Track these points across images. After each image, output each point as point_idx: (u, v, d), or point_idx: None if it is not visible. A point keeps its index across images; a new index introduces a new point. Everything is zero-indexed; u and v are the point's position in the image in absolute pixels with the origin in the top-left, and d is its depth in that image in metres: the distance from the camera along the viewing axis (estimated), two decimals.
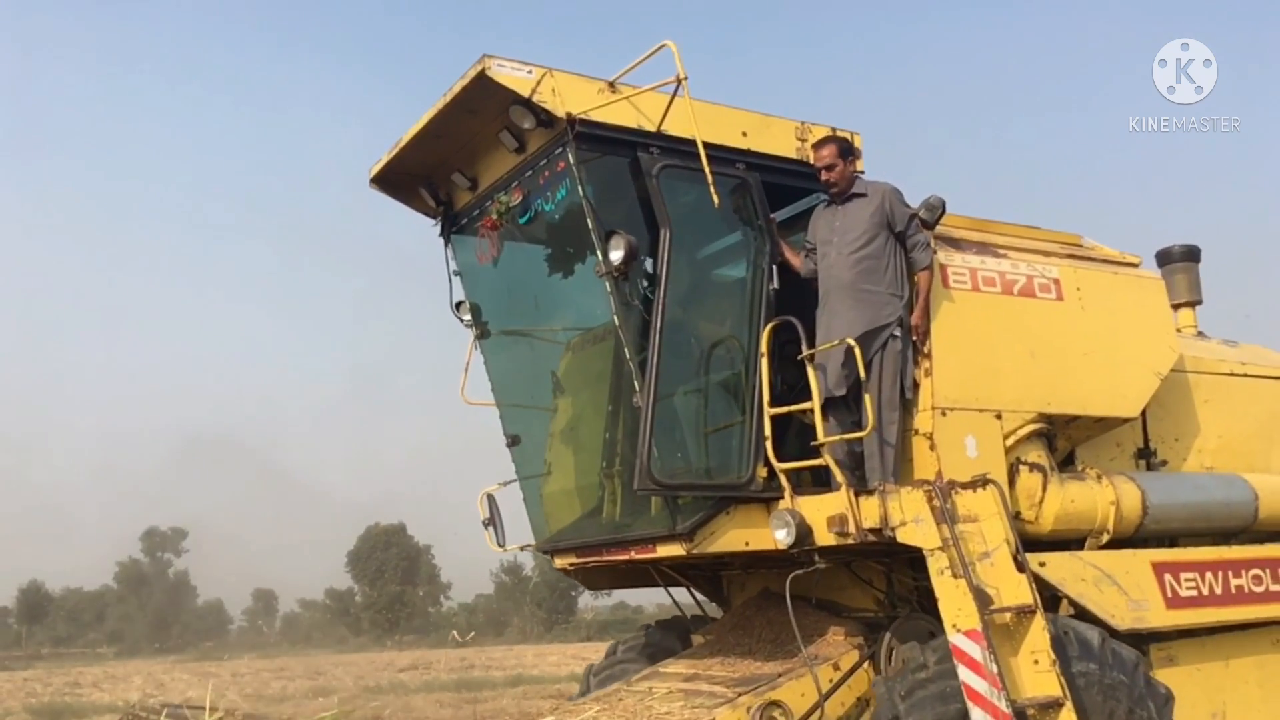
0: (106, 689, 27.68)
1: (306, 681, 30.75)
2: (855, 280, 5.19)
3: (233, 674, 37.05)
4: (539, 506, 6.12)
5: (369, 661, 44.55)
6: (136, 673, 35.07)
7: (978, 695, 4.29)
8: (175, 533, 76.14)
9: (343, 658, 51.07)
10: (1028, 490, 5.41)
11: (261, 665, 43.40)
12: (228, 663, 46.40)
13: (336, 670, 37.33)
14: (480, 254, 5.97)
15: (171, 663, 47.11)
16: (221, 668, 41.20)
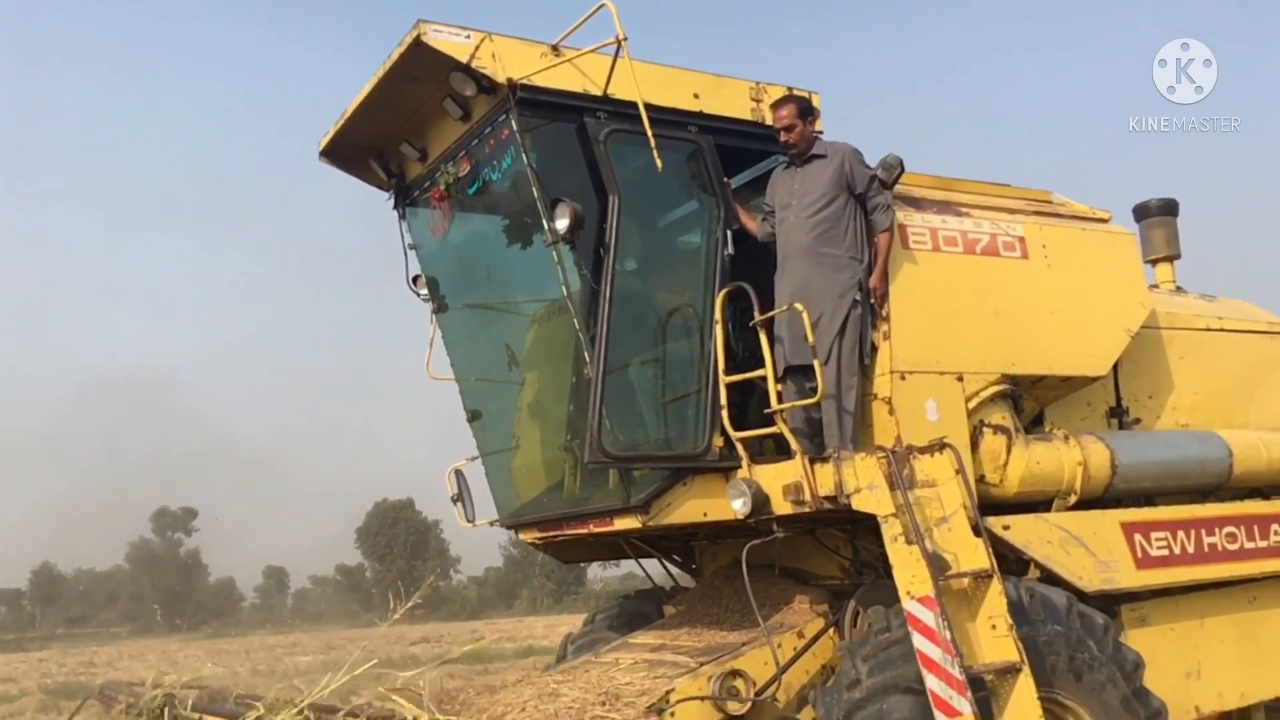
0: (121, 668, 27.93)
1: (319, 656, 31.04)
2: (814, 243, 5.07)
3: (246, 650, 37.45)
4: (501, 481, 6.05)
5: (380, 635, 44.89)
6: (150, 651, 35.41)
7: (932, 662, 4.22)
8: (185, 512, 76.71)
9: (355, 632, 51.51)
10: (991, 453, 5.31)
11: (274, 641, 43.85)
12: (241, 639, 46.86)
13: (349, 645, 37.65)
14: (433, 227, 5.88)
15: (185, 641, 47.59)
16: (234, 644, 41.62)
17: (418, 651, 30.88)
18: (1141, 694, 4.77)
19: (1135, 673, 4.86)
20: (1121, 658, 4.80)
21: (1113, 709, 4.64)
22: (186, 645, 42.43)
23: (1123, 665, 4.78)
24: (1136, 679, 4.82)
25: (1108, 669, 4.65)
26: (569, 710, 4.80)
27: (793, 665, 5.24)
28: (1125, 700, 4.68)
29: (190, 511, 76.63)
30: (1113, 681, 4.65)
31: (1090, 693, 4.59)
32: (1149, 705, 4.78)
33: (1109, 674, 4.65)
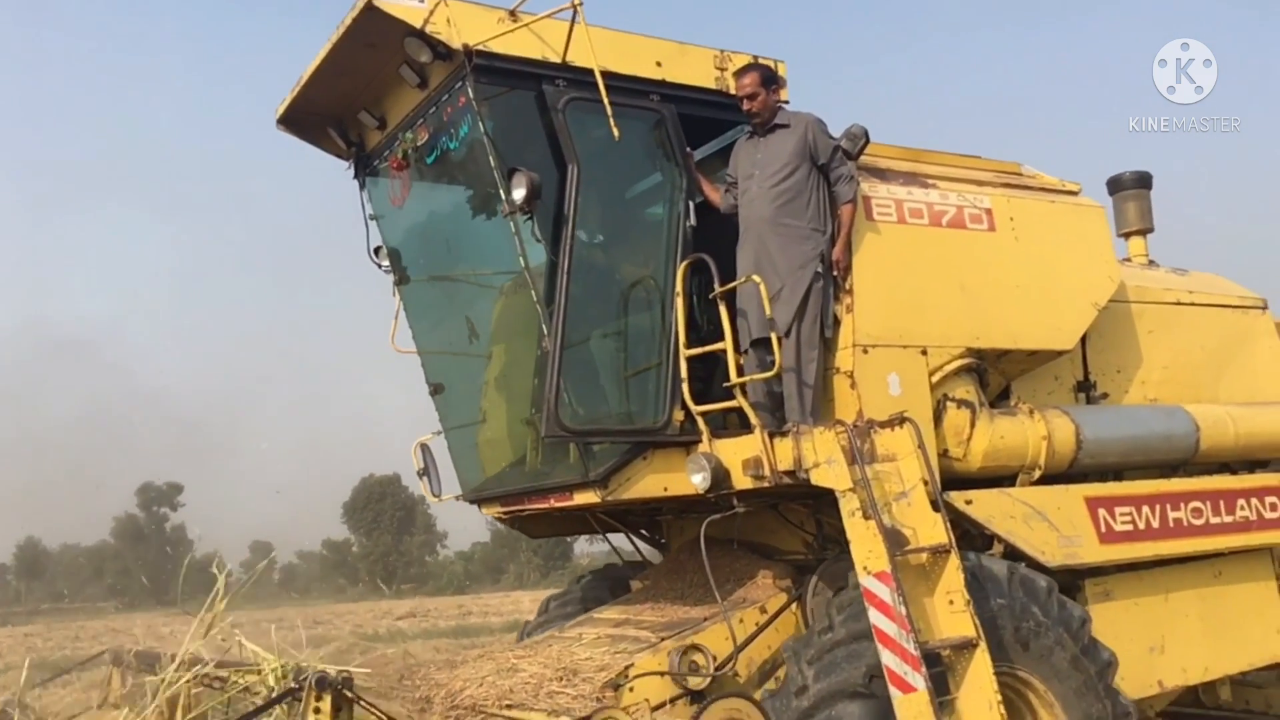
0: (108, 642, 27.90)
1: (305, 630, 31.05)
2: (775, 214, 4.99)
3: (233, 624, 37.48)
4: (464, 455, 5.99)
5: (367, 610, 44.97)
6: (137, 625, 35.40)
7: (887, 638, 4.18)
8: (171, 488, 76.51)
9: (341, 607, 51.56)
10: (955, 427, 5.27)
11: (261, 615, 43.90)
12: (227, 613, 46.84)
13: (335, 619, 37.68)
14: (393, 197, 5.78)
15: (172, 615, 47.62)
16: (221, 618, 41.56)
17: (404, 626, 30.95)
18: (1090, 649, 4.75)
19: (1082, 629, 4.82)
20: (1068, 615, 4.75)
21: (1063, 671, 4.62)
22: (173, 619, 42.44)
23: (1069, 624, 4.74)
24: (1084, 636, 4.78)
25: (1054, 631, 4.62)
26: (525, 686, 4.77)
27: (754, 640, 5.22)
28: (1074, 659, 4.66)
29: (175, 487, 76.48)
30: (1060, 644, 4.63)
31: (1040, 659, 4.57)
32: (1098, 659, 4.77)
33: (1056, 636, 4.62)
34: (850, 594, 4.48)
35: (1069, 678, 4.63)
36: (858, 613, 4.34)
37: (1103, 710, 4.70)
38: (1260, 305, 6.87)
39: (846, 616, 4.40)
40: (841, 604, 4.50)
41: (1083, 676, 4.67)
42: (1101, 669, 4.75)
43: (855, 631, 4.31)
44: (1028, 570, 4.81)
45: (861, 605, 4.32)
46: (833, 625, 4.44)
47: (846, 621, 4.38)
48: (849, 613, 4.40)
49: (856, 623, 4.33)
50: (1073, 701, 4.63)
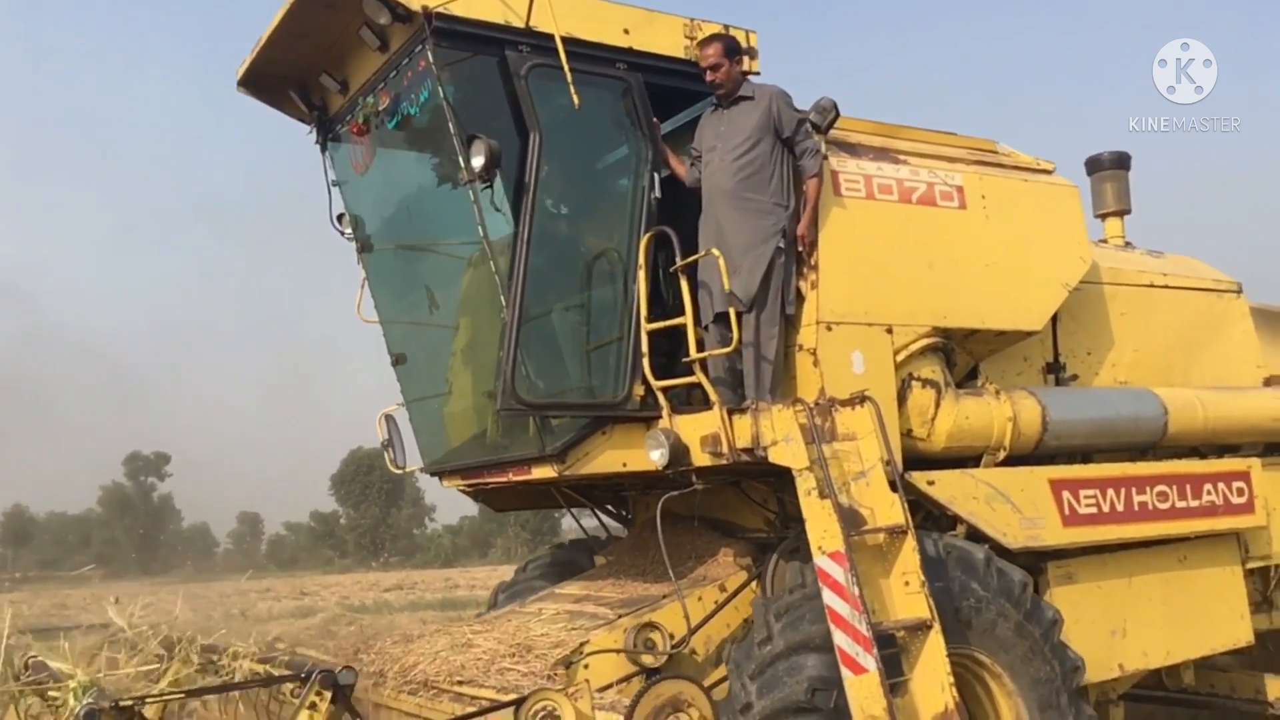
0: (94, 611, 27.91)
1: (292, 601, 31.12)
2: (737, 188, 4.90)
3: (219, 595, 37.54)
4: (425, 427, 5.91)
5: (354, 582, 45.12)
6: (123, 594, 35.41)
7: (840, 618, 4.13)
8: (158, 457, 76.48)
9: (328, 578, 51.71)
10: (920, 407, 5.20)
11: (248, 586, 43.93)
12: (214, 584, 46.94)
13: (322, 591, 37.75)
14: (356, 163, 5.68)
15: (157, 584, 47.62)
16: (208, 589, 41.67)
17: (391, 598, 31.01)
18: (1032, 613, 4.71)
19: (1023, 595, 4.77)
20: (1007, 583, 4.70)
21: (1007, 641, 4.60)
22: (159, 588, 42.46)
23: (1009, 593, 4.68)
24: (1025, 601, 4.73)
25: (996, 603, 4.58)
26: (478, 662, 4.72)
27: (713, 619, 5.18)
28: (1018, 627, 4.64)
29: (163, 456, 76.48)
30: (1003, 614, 4.59)
31: (984, 633, 4.54)
32: (1042, 619, 4.74)
33: (998, 608, 4.58)
34: (788, 600, 4.41)
35: (1014, 646, 4.60)
36: (796, 621, 4.29)
37: (1051, 671, 4.68)
38: (1235, 289, 6.81)
39: (784, 625, 4.32)
40: (779, 610, 4.40)
41: (1028, 643, 4.63)
42: (1047, 627, 4.72)
43: (794, 642, 4.24)
44: (965, 545, 4.77)
45: (801, 611, 4.28)
46: (771, 636, 4.35)
47: (785, 631, 4.30)
48: (786, 621, 4.32)
49: (795, 632, 4.26)
50: (1020, 669, 4.60)
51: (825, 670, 4.15)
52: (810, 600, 4.33)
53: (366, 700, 4.96)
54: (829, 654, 4.13)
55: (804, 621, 4.31)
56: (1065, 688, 4.73)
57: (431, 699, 4.60)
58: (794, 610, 4.42)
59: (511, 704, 3.24)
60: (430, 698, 4.62)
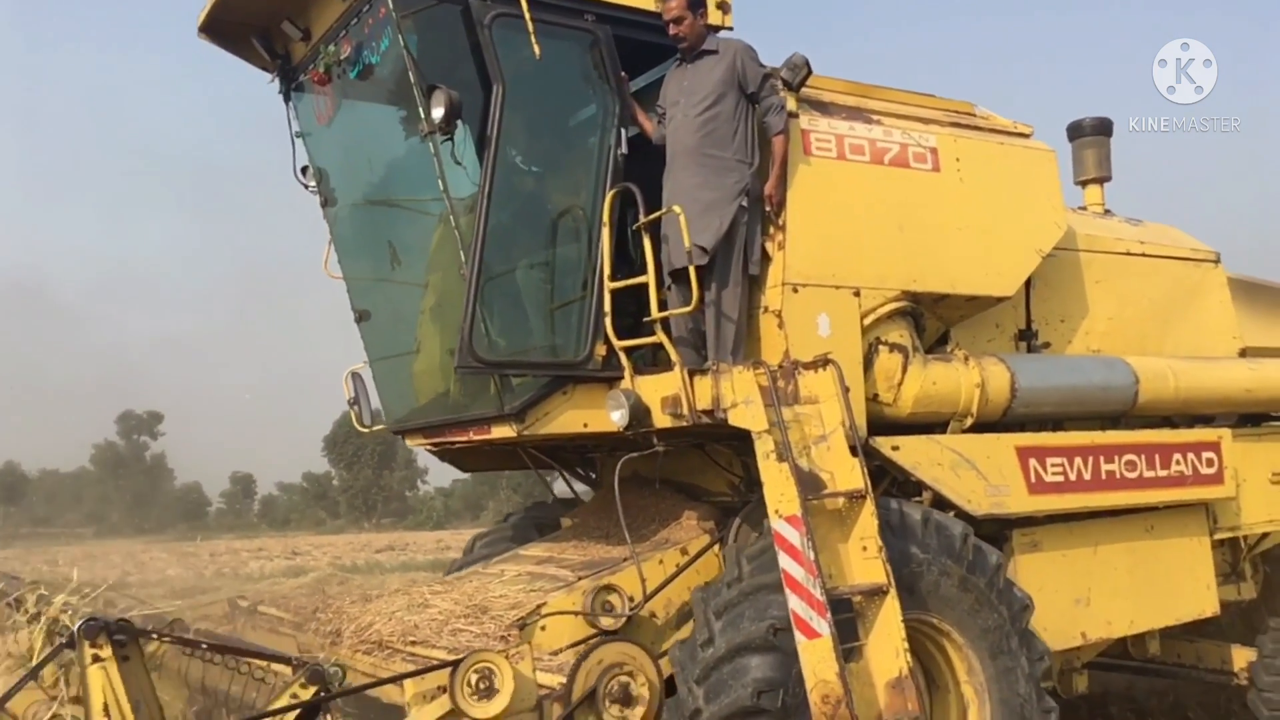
0: (85, 568, 27.97)
1: (284, 561, 31.22)
2: (700, 144, 4.80)
3: (211, 554, 37.63)
4: (388, 385, 5.85)
5: (346, 542, 45.25)
6: (115, 552, 35.52)
7: (795, 583, 4.08)
8: (151, 416, 76.44)
9: (321, 538, 51.87)
10: (886, 371, 5.14)
11: (240, 545, 44.06)
12: (206, 543, 47.04)
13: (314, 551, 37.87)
14: (319, 113, 5.56)
15: (149, 542, 47.72)
16: (199, 548, 41.76)
17: (382, 558, 31.11)
18: (975, 563, 4.64)
19: (964, 548, 4.70)
20: (947, 538, 4.62)
21: (952, 597, 4.56)
22: (150, 547, 42.57)
23: (950, 549, 4.61)
24: (967, 554, 4.66)
25: (938, 562, 4.53)
26: (432, 622, 4.68)
27: (673, 582, 5.14)
28: (962, 581, 4.59)
29: (156, 415, 76.44)
30: (945, 572, 4.54)
31: (930, 594, 4.49)
32: (985, 566, 4.68)
33: (941, 566, 4.53)
34: (726, 596, 4.34)
35: (959, 601, 4.57)
36: (735, 619, 4.23)
37: (999, 617, 4.65)
38: (1213, 259, 6.74)
39: (725, 625, 4.25)
40: (719, 608, 4.32)
41: (973, 594, 4.60)
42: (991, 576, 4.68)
43: (736, 644, 4.17)
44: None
45: (740, 609, 4.22)
46: (712, 637, 4.27)
47: (725, 631, 4.23)
48: (726, 620, 4.24)
49: (736, 632, 4.19)
50: (968, 622, 4.58)
51: (770, 671, 4.08)
52: (749, 597, 4.27)
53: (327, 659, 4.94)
54: (773, 654, 4.08)
55: (744, 620, 4.23)
56: (1015, 629, 4.69)
57: (385, 659, 4.57)
58: (733, 609, 4.33)
59: (448, 665, 3.18)
60: (384, 658, 4.59)
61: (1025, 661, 4.71)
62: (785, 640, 4.06)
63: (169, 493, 75.28)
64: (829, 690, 3.95)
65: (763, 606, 4.18)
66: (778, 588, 4.14)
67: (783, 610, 4.09)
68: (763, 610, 4.17)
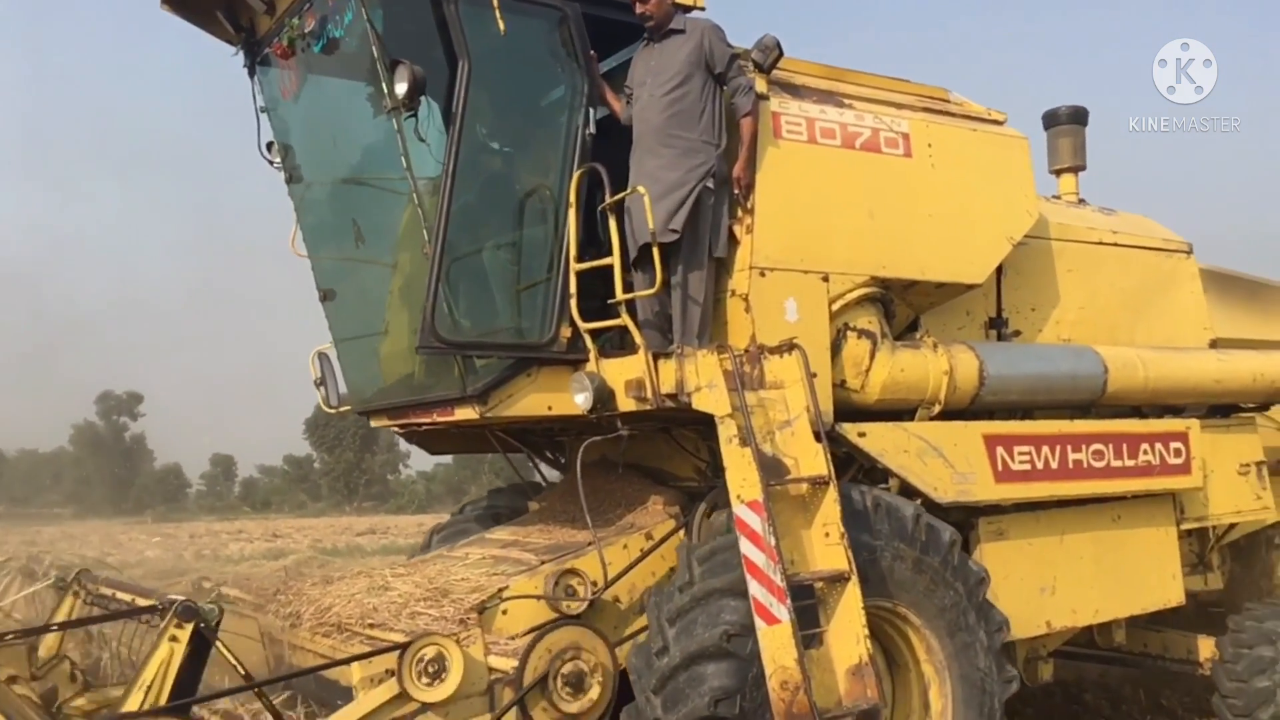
0: (64, 548, 27.78)
1: (264, 543, 31.07)
2: (666, 125, 4.74)
3: (190, 535, 37.42)
4: (353, 365, 5.78)
5: (327, 525, 45.10)
6: (94, 533, 35.28)
7: (756, 568, 4.06)
8: (131, 396, 75.89)
9: (302, 521, 51.66)
10: (854, 358, 5.11)
11: (220, 527, 43.84)
12: (185, 524, 46.78)
13: (295, 534, 37.72)
14: (284, 88, 5.46)
15: (129, 524, 47.44)
16: (179, 529, 41.54)
17: (363, 542, 31.00)
18: (929, 544, 4.61)
19: (916, 529, 4.66)
20: (900, 521, 4.59)
21: (907, 580, 4.53)
22: (130, 528, 42.32)
23: (903, 532, 4.58)
24: (920, 534, 4.62)
25: (891, 546, 4.50)
26: (391, 605, 4.64)
27: (636, 567, 5.10)
28: (916, 562, 4.57)
29: (135, 396, 75.89)
30: (899, 556, 4.51)
31: (883, 580, 4.45)
32: (939, 545, 4.64)
33: (894, 551, 4.51)
34: (712, 544, 4.31)
35: (914, 584, 4.55)
36: (717, 566, 4.21)
37: (955, 595, 4.64)
38: (1185, 250, 6.72)
39: (706, 570, 4.23)
40: (702, 555, 4.30)
41: (927, 575, 4.57)
42: (945, 554, 4.65)
43: (714, 587, 4.15)
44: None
45: (724, 556, 4.20)
46: (693, 580, 4.25)
47: (705, 576, 4.21)
48: (708, 566, 4.22)
49: (716, 577, 4.18)
50: (924, 603, 4.56)
51: (726, 679, 4.04)
52: (700, 602, 4.22)
53: (284, 641, 4.90)
54: (728, 660, 4.04)
55: (697, 627, 4.19)
56: (971, 604, 4.68)
57: (344, 641, 4.53)
58: (717, 555, 4.33)
59: (396, 648, 3.14)
60: (343, 640, 4.55)
61: (984, 635, 4.71)
62: (739, 646, 4.04)
63: (149, 474, 74.82)
64: (788, 677, 3.94)
65: (715, 612, 4.13)
66: (729, 592, 4.13)
67: (735, 615, 4.07)
68: (715, 616, 4.12)
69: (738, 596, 4.13)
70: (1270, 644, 6.31)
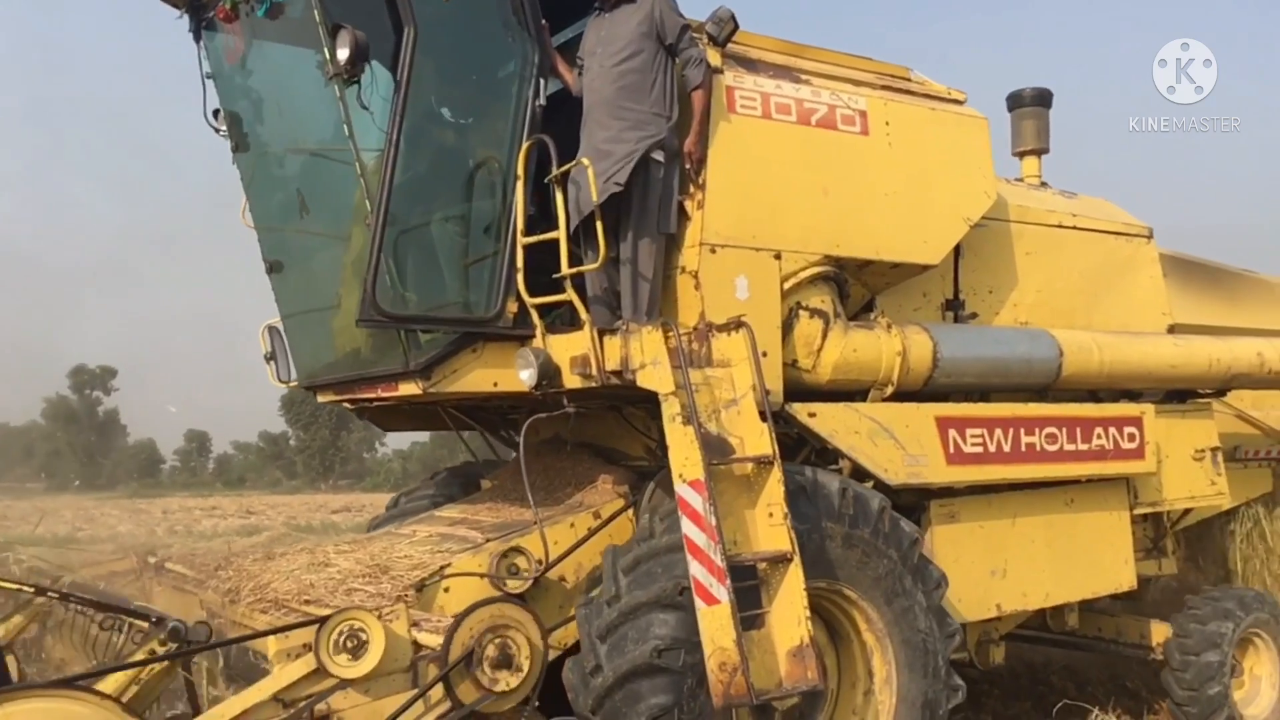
0: (34, 522, 27.49)
1: (238, 520, 30.86)
2: (616, 96, 4.64)
3: (163, 511, 37.11)
4: (299, 338, 5.67)
5: (302, 503, 44.85)
6: (66, 508, 34.95)
7: (697, 548, 4.00)
8: (104, 371, 75.18)
9: (276, 499, 51.40)
10: (806, 337, 5.05)
11: (194, 503, 43.52)
12: (159, 500, 46.41)
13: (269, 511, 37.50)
14: (229, 53, 5.32)
15: (101, 499, 47.04)
16: (152, 505, 41.19)
17: (338, 519, 30.83)
18: (857, 517, 4.57)
19: (843, 503, 4.61)
20: (827, 498, 4.54)
21: (838, 558, 4.49)
22: (103, 503, 41.96)
23: (830, 510, 4.52)
24: (847, 509, 4.57)
25: (820, 527, 4.45)
26: (329, 582, 4.56)
27: (583, 545, 5.05)
28: (846, 537, 4.53)
29: (109, 370, 75.19)
30: (828, 536, 4.46)
31: (817, 560, 4.40)
32: (869, 515, 4.61)
33: (823, 531, 4.45)
34: (635, 553, 4.27)
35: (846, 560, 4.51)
36: (643, 577, 4.16)
37: (890, 562, 4.60)
38: (1145, 234, 6.70)
39: (632, 582, 4.18)
40: (627, 565, 4.25)
41: (859, 549, 4.54)
42: (874, 523, 4.60)
43: (642, 601, 4.10)
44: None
45: (649, 567, 4.16)
46: (619, 593, 4.19)
47: (632, 589, 4.16)
48: (610, 644, 4.14)
49: (643, 590, 4.12)
50: (857, 575, 4.53)
51: (674, 630, 4.01)
52: (658, 555, 4.19)
53: (225, 617, 4.81)
54: (678, 611, 4.01)
55: (653, 578, 4.16)
56: (906, 568, 4.65)
57: (281, 618, 4.45)
58: (641, 564, 4.26)
59: (314, 622, 3.07)
60: (280, 616, 4.47)
61: (922, 596, 4.69)
62: (671, 660, 4.02)
63: (122, 449, 74.25)
64: (726, 658, 3.89)
65: (645, 627, 4.08)
66: (657, 604, 4.11)
67: (665, 629, 4.05)
68: (645, 631, 4.07)
69: (666, 609, 4.09)
70: (1221, 619, 6.35)
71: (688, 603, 3.98)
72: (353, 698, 3.03)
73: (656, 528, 4.34)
